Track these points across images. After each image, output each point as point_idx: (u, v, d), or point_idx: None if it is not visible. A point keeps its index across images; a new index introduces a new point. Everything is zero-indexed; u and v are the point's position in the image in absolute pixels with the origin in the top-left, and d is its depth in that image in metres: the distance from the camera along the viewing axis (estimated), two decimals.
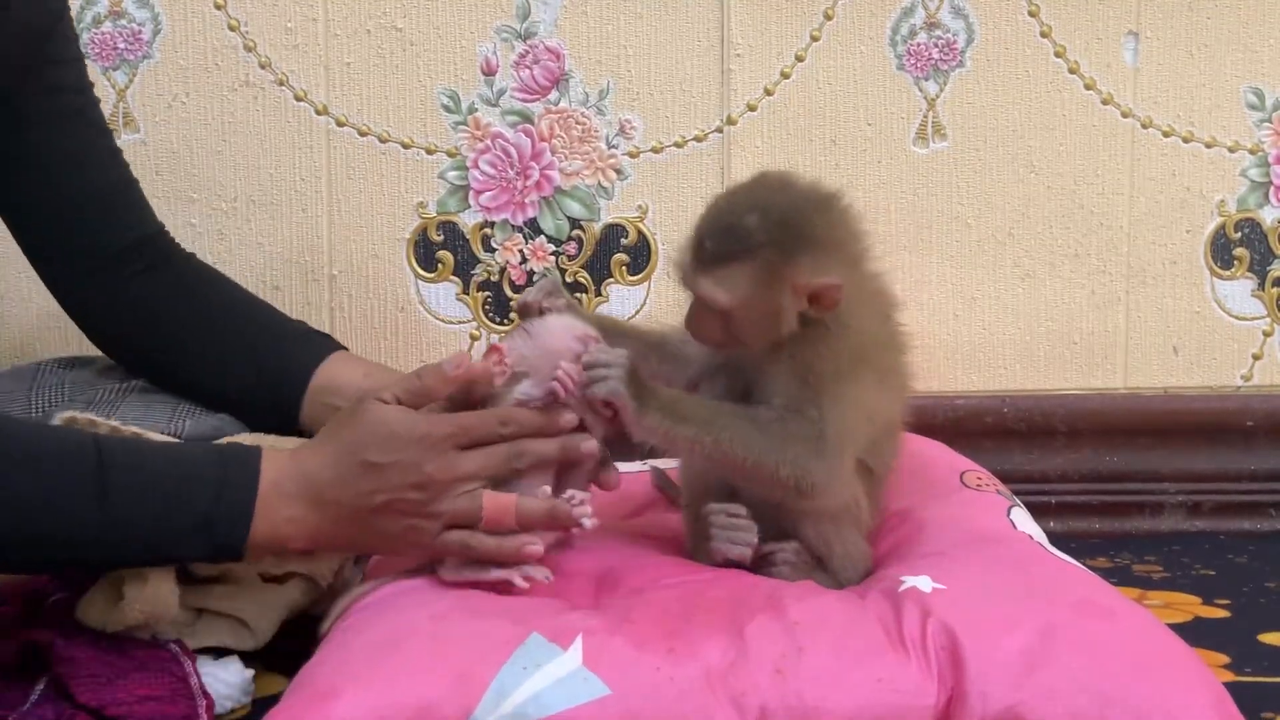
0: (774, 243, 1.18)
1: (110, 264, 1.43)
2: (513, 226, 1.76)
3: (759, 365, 1.22)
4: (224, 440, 1.30)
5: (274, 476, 1.14)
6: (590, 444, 1.20)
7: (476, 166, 1.75)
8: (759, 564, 1.25)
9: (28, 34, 1.37)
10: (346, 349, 1.49)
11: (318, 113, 1.73)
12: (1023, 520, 1.34)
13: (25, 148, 1.40)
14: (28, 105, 1.39)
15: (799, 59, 1.75)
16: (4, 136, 1.39)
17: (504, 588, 1.16)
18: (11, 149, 1.40)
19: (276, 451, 1.16)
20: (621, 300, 1.77)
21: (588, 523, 1.18)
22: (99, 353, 1.51)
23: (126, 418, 1.34)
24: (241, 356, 1.43)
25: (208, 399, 1.44)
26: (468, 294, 1.76)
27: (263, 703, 1.15)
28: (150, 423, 1.39)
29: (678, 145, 1.76)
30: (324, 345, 1.46)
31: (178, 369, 1.45)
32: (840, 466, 1.20)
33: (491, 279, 1.76)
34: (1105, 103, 1.78)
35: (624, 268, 1.77)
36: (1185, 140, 1.79)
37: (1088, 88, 1.77)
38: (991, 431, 1.76)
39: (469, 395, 1.21)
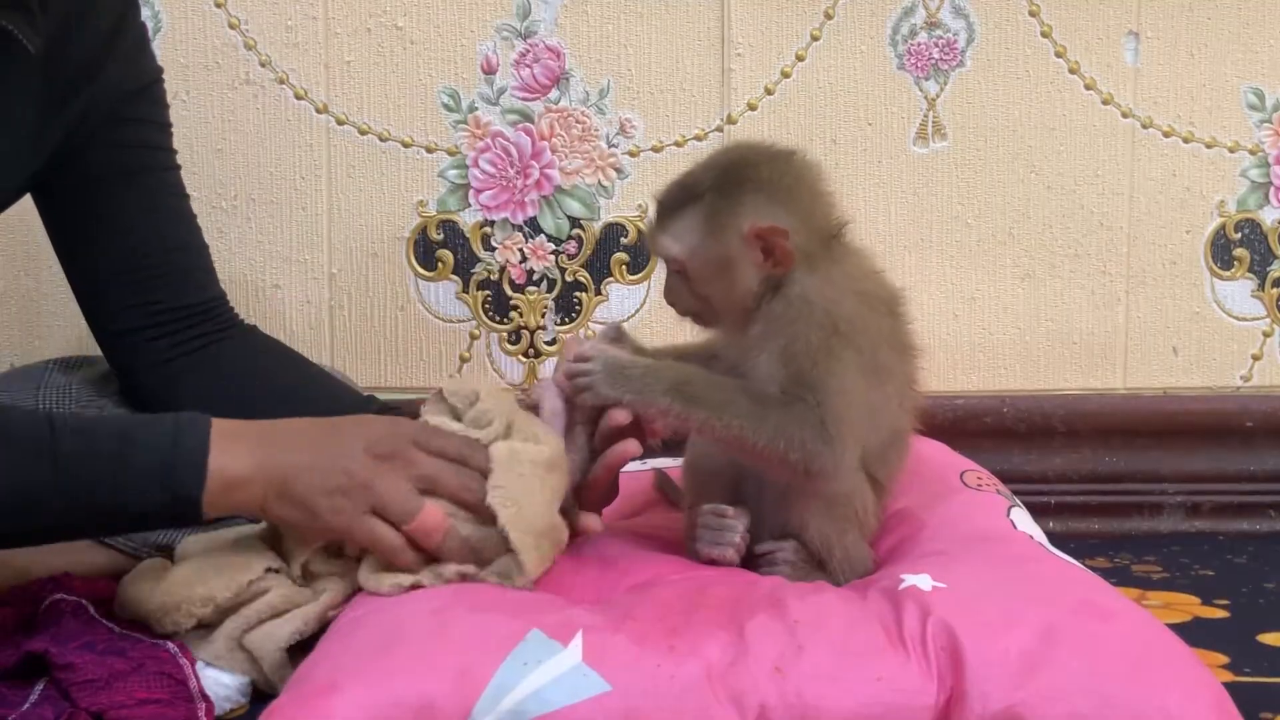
0: (718, 187, 1.21)
1: (170, 326, 1.42)
2: (513, 225, 1.76)
3: (744, 353, 1.23)
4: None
5: (225, 426, 1.17)
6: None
7: (476, 165, 1.75)
8: (758, 563, 1.25)
9: (114, 94, 1.38)
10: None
11: (318, 111, 1.73)
12: (1022, 520, 1.34)
13: (99, 201, 1.39)
14: (106, 158, 1.39)
15: (799, 58, 1.75)
16: (79, 190, 1.39)
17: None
18: (84, 203, 1.39)
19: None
20: (621, 300, 1.77)
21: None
22: (100, 353, 1.50)
23: None
24: None
25: None
26: (467, 293, 1.76)
27: (261, 698, 1.15)
28: None
29: (678, 144, 1.76)
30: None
31: None
32: (844, 449, 1.19)
33: (491, 278, 1.76)
34: (1105, 103, 1.78)
35: (624, 267, 1.77)
36: (1185, 140, 1.79)
37: (1088, 88, 1.78)
38: (991, 431, 1.77)
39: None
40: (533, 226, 1.76)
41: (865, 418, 1.22)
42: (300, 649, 1.15)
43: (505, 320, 1.77)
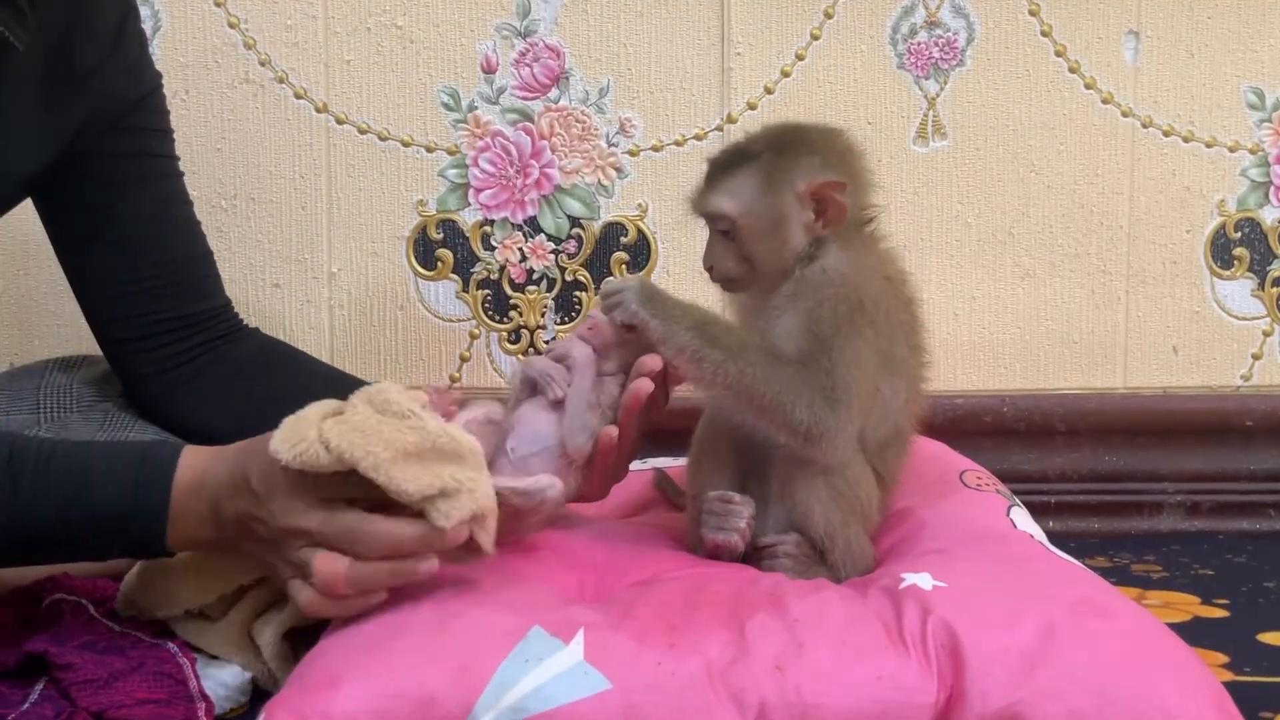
0: (774, 148, 1.25)
1: (175, 334, 1.42)
2: (512, 224, 1.76)
3: (768, 315, 1.24)
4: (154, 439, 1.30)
5: (188, 478, 1.11)
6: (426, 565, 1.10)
7: (476, 164, 1.75)
8: (759, 557, 1.25)
9: (115, 102, 1.38)
10: None
11: (317, 110, 1.73)
12: (1022, 519, 1.34)
13: (102, 209, 1.40)
14: (108, 167, 1.39)
15: (799, 57, 1.75)
16: (82, 199, 1.39)
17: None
18: (88, 212, 1.40)
19: (195, 450, 1.13)
20: None
21: (424, 568, 1.08)
22: (100, 352, 1.50)
23: None
24: None
25: None
26: (467, 292, 1.76)
27: (260, 697, 1.15)
28: None
29: (678, 143, 1.76)
30: None
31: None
32: (847, 418, 1.21)
33: (491, 277, 1.76)
34: (1105, 102, 1.78)
35: (624, 266, 1.77)
36: (1185, 140, 1.79)
37: (1088, 87, 1.78)
38: (991, 431, 1.77)
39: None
40: (532, 226, 1.76)
41: (872, 395, 1.24)
42: (303, 644, 1.15)
43: (505, 319, 1.77)
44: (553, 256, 1.76)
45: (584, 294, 1.77)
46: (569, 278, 1.77)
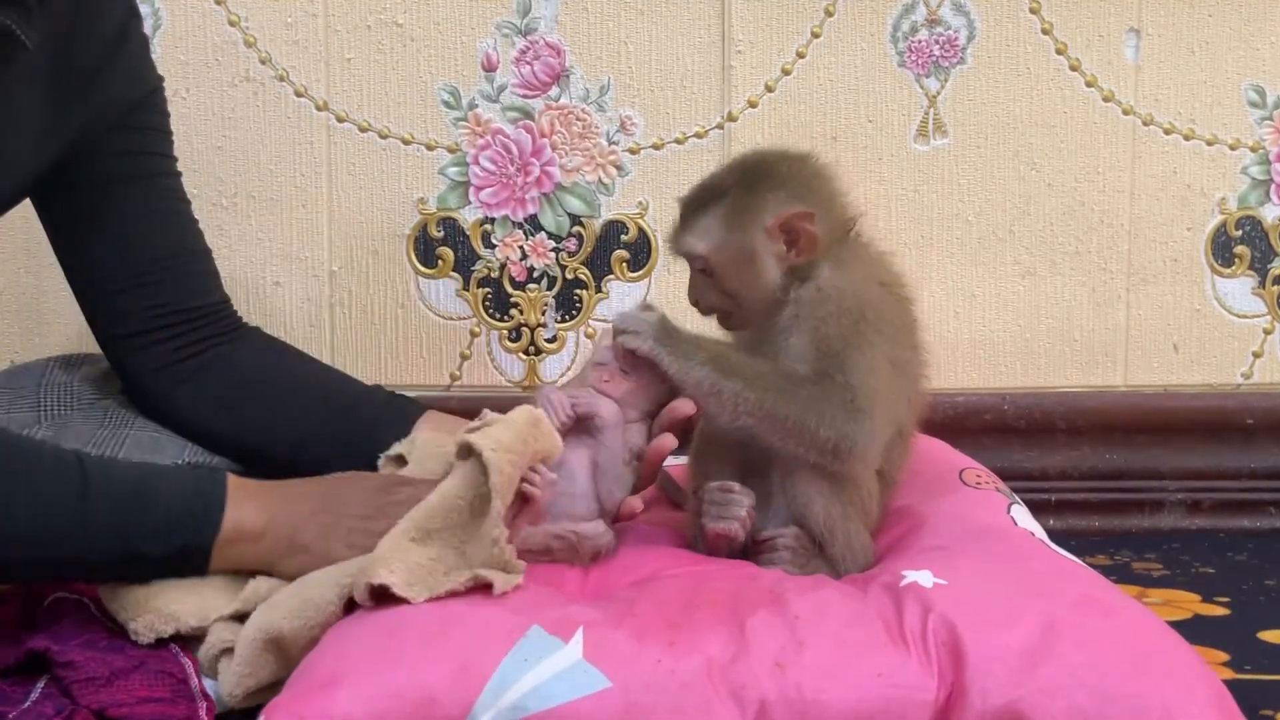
0: (741, 184, 1.27)
1: (174, 330, 1.42)
2: (513, 223, 1.76)
3: (773, 339, 1.26)
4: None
5: (241, 483, 1.22)
6: None
7: (477, 163, 1.75)
8: (759, 551, 1.26)
9: (118, 102, 1.39)
10: (427, 409, 1.45)
11: (318, 108, 1.73)
12: (1023, 517, 1.34)
13: (101, 206, 1.40)
14: (108, 165, 1.39)
15: (800, 55, 1.75)
16: (82, 195, 1.39)
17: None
18: (87, 208, 1.40)
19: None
20: (622, 297, 1.77)
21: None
22: (100, 351, 1.50)
23: (133, 457, 1.37)
24: (321, 431, 1.43)
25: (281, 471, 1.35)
26: (468, 290, 1.76)
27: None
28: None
29: (678, 142, 1.76)
30: (408, 411, 1.44)
31: (243, 440, 1.43)
32: (875, 429, 1.22)
33: (491, 275, 1.76)
34: (1106, 100, 1.78)
35: (624, 264, 1.77)
36: (1186, 138, 1.79)
37: (1089, 85, 1.77)
38: (991, 429, 1.77)
39: None
40: (533, 224, 1.76)
41: (893, 399, 1.25)
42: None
43: (505, 318, 1.77)
44: (553, 255, 1.76)
45: (584, 292, 1.77)
46: (569, 276, 1.77)
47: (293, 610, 1.15)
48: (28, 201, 1.42)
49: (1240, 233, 1.82)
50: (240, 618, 1.18)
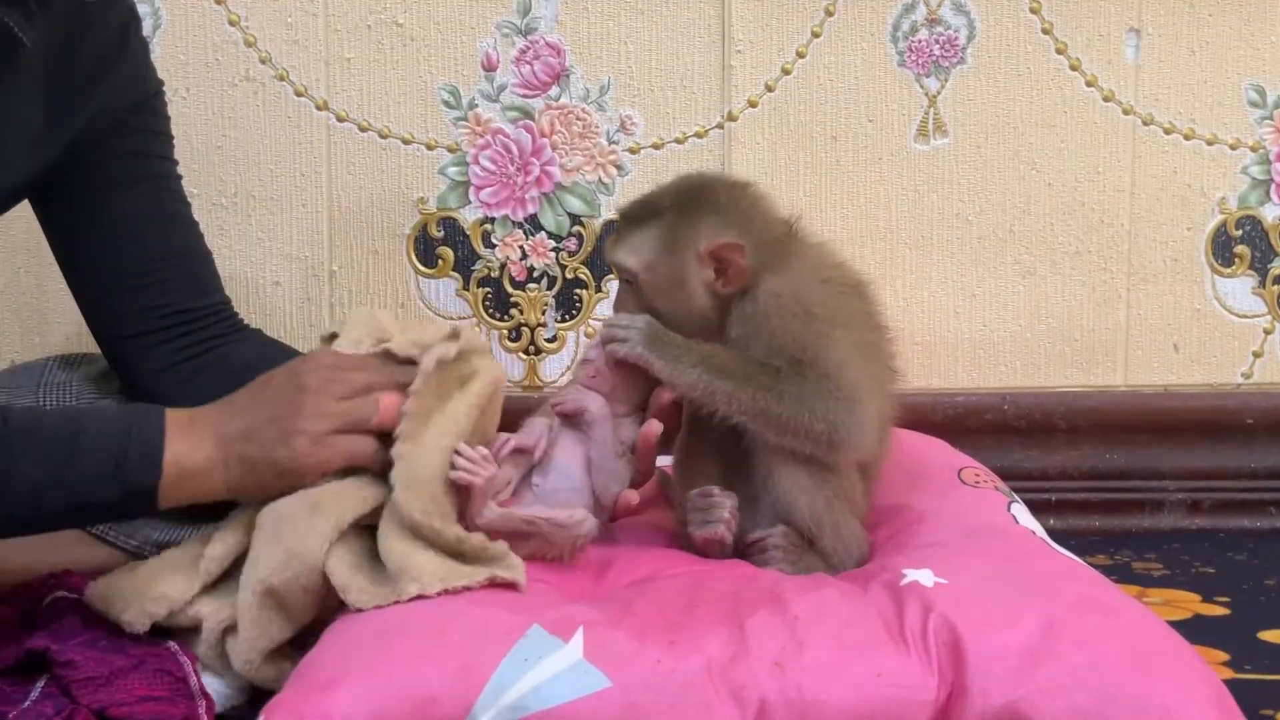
0: (678, 206, 1.29)
1: (174, 331, 1.42)
2: (513, 222, 1.76)
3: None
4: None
5: (180, 416, 1.21)
6: None
7: (477, 162, 1.75)
8: (750, 553, 1.26)
9: (118, 105, 1.39)
10: None
11: (318, 108, 1.73)
12: (1023, 515, 1.34)
13: (101, 208, 1.40)
14: (108, 167, 1.39)
15: (800, 55, 1.75)
16: (82, 196, 1.39)
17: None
18: (88, 209, 1.40)
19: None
20: None
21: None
22: (99, 350, 1.50)
23: None
24: None
25: None
26: (468, 290, 1.76)
27: (261, 696, 1.15)
28: None
29: (678, 141, 1.76)
30: None
31: None
32: (864, 414, 1.24)
33: (492, 275, 1.76)
34: (1106, 100, 1.78)
35: None
36: (1186, 137, 1.79)
37: (1089, 85, 1.77)
38: (991, 429, 1.76)
39: None
40: (533, 223, 1.76)
41: (877, 381, 1.27)
42: (299, 648, 1.15)
43: (505, 317, 1.77)
44: (553, 254, 1.76)
45: (584, 292, 1.77)
46: (569, 276, 1.77)
47: (278, 563, 1.15)
48: (26, 203, 1.42)
49: (1240, 232, 1.82)
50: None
